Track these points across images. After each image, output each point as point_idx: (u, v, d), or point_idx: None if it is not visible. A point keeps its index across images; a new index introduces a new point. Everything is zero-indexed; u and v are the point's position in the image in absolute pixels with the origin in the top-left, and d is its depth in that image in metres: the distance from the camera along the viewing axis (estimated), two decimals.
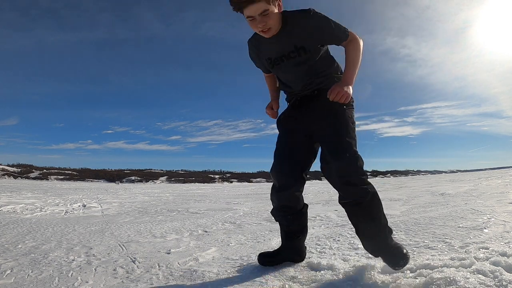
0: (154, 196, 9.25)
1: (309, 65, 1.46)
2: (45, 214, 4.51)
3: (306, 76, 1.49)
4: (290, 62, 1.46)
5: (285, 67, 1.49)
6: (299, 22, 1.37)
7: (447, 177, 18.79)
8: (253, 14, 1.27)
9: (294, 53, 1.43)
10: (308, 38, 1.39)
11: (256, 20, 1.29)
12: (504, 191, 5.41)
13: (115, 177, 67.76)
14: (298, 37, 1.39)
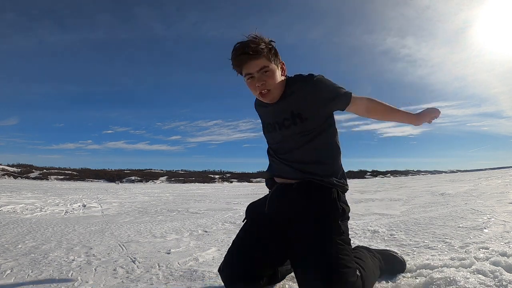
0: (154, 196, 9.25)
1: (304, 139, 1.22)
2: (45, 214, 4.51)
3: (299, 153, 1.24)
4: (283, 131, 1.26)
5: (277, 136, 1.29)
6: (300, 87, 1.22)
7: (447, 177, 18.79)
8: (252, 71, 1.15)
9: (288, 121, 1.23)
10: (307, 105, 1.20)
11: (255, 78, 1.16)
12: (504, 191, 5.41)
13: (115, 177, 67.75)
14: (296, 103, 1.21)
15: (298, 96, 1.22)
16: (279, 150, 1.31)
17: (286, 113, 1.24)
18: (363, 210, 4.15)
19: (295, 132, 1.23)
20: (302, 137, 1.23)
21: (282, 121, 1.25)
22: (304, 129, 1.22)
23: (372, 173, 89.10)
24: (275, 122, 1.29)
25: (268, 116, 1.34)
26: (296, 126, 1.22)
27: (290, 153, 1.27)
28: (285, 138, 1.27)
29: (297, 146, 1.24)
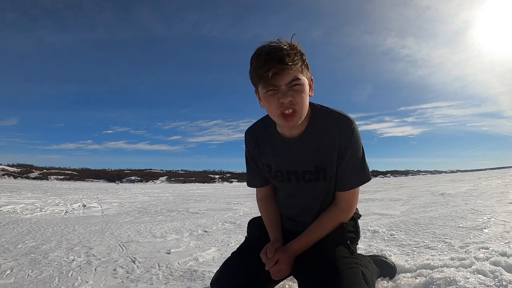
0: (154, 196, 9.25)
1: (322, 198, 1.06)
2: (45, 214, 4.51)
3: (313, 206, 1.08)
4: (300, 184, 1.05)
5: (289, 188, 1.08)
6: (329, 135, 0.98)
7: (447, 177, 18.79)
8: (281, 83, 0.87)
9: (311, 175, 1.02)
10: (332, 161, 1.00)
11: (280, 93, 0.88)
12: (504, 191, 5.41)
13: (115, 177, 67.72)
14: (323, 155, 0.99)
15: (328, 140, 0.98)
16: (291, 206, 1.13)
17: (309, 164, 1.01)
18: (363, 210, 4.15)
19: (315, 189, 1.04)
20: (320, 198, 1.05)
21: (303, 173, 1.03)
22: (326, 187, 1.03)
23: (372, 173, 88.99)
24: (290, 172, 1.04)
25: (278, 159, 1.06)
26: (319, 182, 1.02)
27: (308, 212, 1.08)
28: (303, 195, 1.06)
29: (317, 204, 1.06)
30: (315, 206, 1.07)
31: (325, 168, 1.00)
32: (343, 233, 1.03)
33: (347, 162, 0.99)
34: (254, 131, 1.12)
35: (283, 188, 1.12)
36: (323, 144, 0.99)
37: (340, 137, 0.97)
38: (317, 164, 1.00)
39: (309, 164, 1.01)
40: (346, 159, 0.99)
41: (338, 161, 1.00)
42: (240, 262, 1.10)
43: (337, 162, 1.00)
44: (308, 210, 1.09)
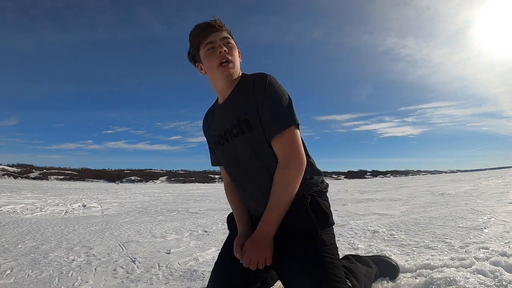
0: (154, 196, 9.25)
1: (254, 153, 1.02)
2: (45, 214, 4.51)
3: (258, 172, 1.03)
4: (232, 142, 1.06)
5: (227, 150, 1.09)
6: (249, 86, 1.04)
7: (447, 177, 18.79)
8: (215, 38, 1.04)
9: (237, 128, 1.03)
10: (250, 107, 1.01)
11: (216, 45, 1.03)
12: (504, 191, 5.41)
13: (115, 177, 67.74)
14: (242, 106, 1.03)
15: (245, 96, 1.03)
16: (236, 175, 1.12)
17: (233, 118, 1.05)
18: (363, 210, 4.15)
19: (244, 143, 1.03)
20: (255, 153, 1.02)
21: (231, 129, 1.06)
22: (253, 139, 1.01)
23: (372, 173, 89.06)
24: (225, 131, 1.08)
25: (217, 124, 1.13)
26: (245, 135, 1.02)
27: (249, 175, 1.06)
28: (237, 153, 1.06)
29: (252, 163, 1.04)
30: (251, 165, 1.04)
31: (247, 119, 1.01)
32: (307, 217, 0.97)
33: (266, 108, 0.99)
34: (206, 113, 1.23)
35: (223, 154, 1.12)
36: (243, 97, 1.04)
37: (255, 86, 1.01)
38: (239, 116, 1.03)
39: (233, 118, 1.05)
40: (265, 106, 0.99)
41: (259, 110, 1.00)
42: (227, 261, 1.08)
43: (258, 112, 1.01)
44: (248, 173, 1.06)
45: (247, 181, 1.08)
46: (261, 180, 1.03)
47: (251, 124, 1.00)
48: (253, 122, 1.00)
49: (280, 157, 0.99)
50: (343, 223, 3.04)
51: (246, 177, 1.08)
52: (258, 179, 1.04)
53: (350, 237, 2.33)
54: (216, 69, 1.04)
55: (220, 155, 1.15)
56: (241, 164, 1.07)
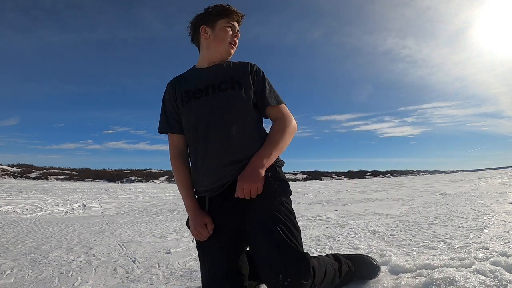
0: (154, 196, 9.25)
1: (238, 108, 1.13)
2: (45, 214, 4.51)
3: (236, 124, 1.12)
4: (217, 95, 1.14)
5: (207, 102, 1.14)
6: (244, 65, 1.22)
7: (447, 177, 18.80)
8: (237, 26, 1.24)
9: (226, 84, 1.15)
10: (246, 76, 1.18)
11: (234, 31, 1.23)
12: (504, 191, 5.41)
13: (115, 177, 67.82)
14: (237, 73, 1.19)
15: (238, 68, 1.21)
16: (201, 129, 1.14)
17: (225, 77, 1.17)
18: (363, 210, 4.15)
19: (231, 98, 1.13)
20: (236, 108, 1.13)
21: (219, 84, 1.15)
22: (239, 98, 1.13)
23: (372, 173, 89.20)
24: (207, 86, 1.16)
25: (198, 81, 1.19)
26: (234, 91, 1.14)
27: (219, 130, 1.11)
28: (217, 106, 1.13)
29: (229, 117, 1.12)
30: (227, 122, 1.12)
31: (240, 81, 1.16)
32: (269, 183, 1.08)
33: (269, 86, 1.20)
34: (174, 78, 1.27)
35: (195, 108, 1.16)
36: (237, 68, 1.21)
37: (252, 67, 1.21)
38: (233, 77, 1.17)
39: (226, 77, 1.18)
40: (267, 85, 1.20)
41: (256, 85, 1.18)
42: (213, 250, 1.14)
43: (253, 85, 1.18)
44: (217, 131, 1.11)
45: (215, 135, 1.12)
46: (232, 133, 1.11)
47: (243, 86, 1.16)
48: (244, 85, 1.16)
49: (281, 116, 1.17)
50: (343, 223, 3.04)
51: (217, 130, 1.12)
52: (230, 132, 1.11)
53: (350, 237, 2.33)
54: (226, 44, 1.20)
55: (187, 111, 1.18)
56: (218, 116, 1.12)
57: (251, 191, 1.04)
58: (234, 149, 1.10)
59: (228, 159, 1.10)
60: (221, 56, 1.22)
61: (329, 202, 5.69)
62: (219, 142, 1.11)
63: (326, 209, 4.42)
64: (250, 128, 1.15)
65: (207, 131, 1.13)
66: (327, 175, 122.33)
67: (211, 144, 1.12)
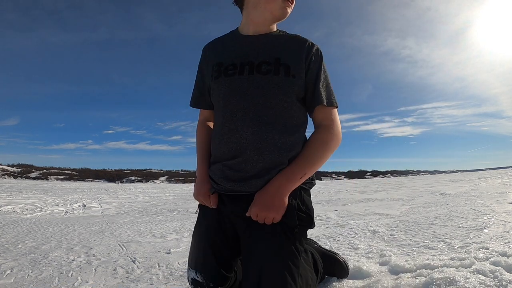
0: (154, 196, 9.25)
1: (282, 100, 0.89)
2: (45, 214, 4.51)
3: (266, 120, 0.88)
4: (254, 77, 0.89)
5: (239, 83, 0.90)
6: (294, 41, 0.95)
7: (447, 177, 18.79)
8: None
9: (269, 66, 0.89)
10: (298, 61, 0.91)
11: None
12: (504, 191, 5.41)
13: (115, 177, 67.77)
14: (286, 53, 0.92)
15: (293, 46, 0.93)
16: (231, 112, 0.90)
17: (269, 56, 0.91)
18: (363, 210, 4.15)
19: (271, 84, 0.88)
20: (276, 98, 0.88)
21: (259, 64, 0.90)
22: (283, 85, 0.88)
23: (372, 173, 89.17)
24: (243, 63, 0.91)
25: (233, 53, 0.95)
26: (278, 77, 0.88)
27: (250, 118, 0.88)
28: (250, 91, 0.88)
29: (265, 106, 0.88)
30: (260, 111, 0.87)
31: (288, 64, 0.89)
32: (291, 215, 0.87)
33: (325, 78, 0.93)
34: (213, 41, 1.05)
35: (225, 86, 0.92)
36: (290, 44, 0.93)
37: (311, 49, 0.93)
38: (279, 58, 0.90)
39: (270, 56, 0.91)
40: (323, 76, 0.93)
41: (308, 72, 0.92)
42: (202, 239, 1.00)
43: (305, 69, 0.91)
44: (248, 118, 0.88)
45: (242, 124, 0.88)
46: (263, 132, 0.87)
47: (291, 72, 0.89)
48: (293, 71, 0.89)
49: (329, 123, 0.91)
50: (343, 223, 3.04)
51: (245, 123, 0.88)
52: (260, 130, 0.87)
53: (350, 237, 2.33)
54: (278, 7, 0.91)
55: (216, 87, 0.94)
56: (246, 105, 0.88)
57: (266, 219, 0.85)
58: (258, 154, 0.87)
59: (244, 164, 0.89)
60: (272, 18, 0.94)
61: (329, 202, 5.69)
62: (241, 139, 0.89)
63: (326, 209, 4.42)
64: (290, 130, 0.90)
65: (230, 121, 0.90)
66: (327, 175, 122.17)
67: (231, 138, 0.90)
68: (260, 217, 0.85)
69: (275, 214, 0.84)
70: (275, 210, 0.84)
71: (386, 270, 1.50)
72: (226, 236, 0.98)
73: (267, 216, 0.84)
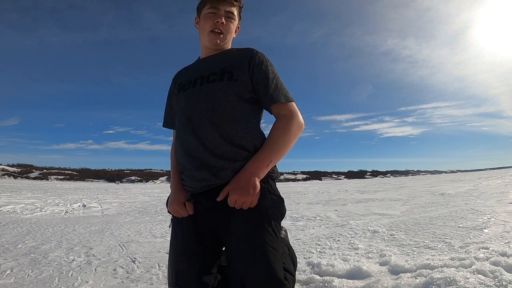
0: (154, 196, 9.25)
1: (227, 101, 1.00)
2: (45, 214, 4.51)
3: (216, 120, 0.99)
4: (203, 87, 1.04)
5: (192, 94, 1.05)
6: (239, 52, 1.11)
7: (447, 177, 18.79)
8: (221, 7, 1.08)
9: (215, 76, 1.04)
10: (241, 67, 1.04)
11: (217, 14, 1.07)
12: (504, 191, 5.41)
13: (115, 177, 67.75)
14: (230, 63, 1.06)
15: (235, 57, 1.09)
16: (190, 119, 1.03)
17: (216, 68, 1.06)
18: (363, 210, 4.15)
19: (217, 89, 1.01)
20: (224, 100, 1.00)
21: (208, 76, 1.05)
22: (229, 89, 1.01)
23: (372, 173, 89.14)
24: (197, 78, 1.07)
25: (190, 74, 1.12)
26: (222, 82, 1.02)
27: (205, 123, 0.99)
28: (201, 98, 1.02)
29: (216, 108, 1.00)
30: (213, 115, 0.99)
31: (231, 71, 1.04)
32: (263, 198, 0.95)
33: (272, 79, 1.04)
34: (178, 71, 1.22)
35: (183, 99, 1.08)
36: (234, 56, 1.09)
37: (253, 55, 1.07)
38: (224, 68, 1.05)
39: (216, 68, 1.07)
40: (270, 77, 1.04)
41: (253, 75, 1.04)
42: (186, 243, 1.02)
43: (249, 72, 1.04)
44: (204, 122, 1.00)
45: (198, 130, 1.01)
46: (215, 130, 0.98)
47: (233, 76, 1.03)
48: (236, 76, 1.03)
49: (286, 113, 1.02)
50: (343, 223, 3.04)
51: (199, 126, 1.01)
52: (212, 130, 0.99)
53: (350, 237, 2.33)
54: (207, 33, 1.10)
55: (177, 102, 1.11)
56: (199, 110, 1.02)
57: (244, 204, 0.92)
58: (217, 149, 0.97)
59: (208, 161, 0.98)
60: (210, 48, 1.12)
61: (329, 202, 5.69)
62: (199, 139, 0.99)
63: (326, 209, 4.42)
64: (241, 125, 1.00)
65: (187, 126, 1.03)
66: (327, 175, 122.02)
67: (191, 140, 1.01)
68: (238, 202, 0.92)
69: (252, 197, 0.92)
70: (251, 193, 0.92)
71: (386, 270, 1.50)
72: (205, 241, 1.02)
73: (246, 200, 0.92)
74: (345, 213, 3.92)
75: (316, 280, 1.44)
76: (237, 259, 0.92)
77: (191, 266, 0.98)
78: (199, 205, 1.02)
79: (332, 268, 1.55)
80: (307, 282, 1.43)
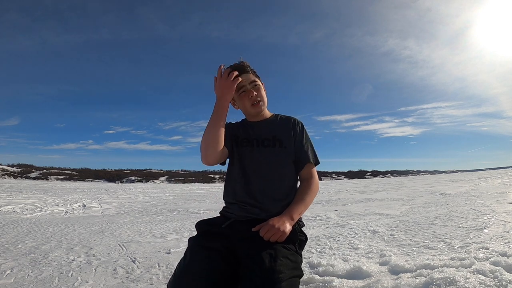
0: (154, 196, 9.25)
1: (278, 163, 1.24)
2: (45, 214, 4.51)
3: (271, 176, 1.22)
4: (260, 149, 1.26)
5: (251, 151, 1.26)
6: (285, 121, 1.33)
7: (447, 177, 18.79)
8: (245, 83, 1.24)
9: (269, 141, 1.28)
10: (288, 136, 1.29)
11: (247, 89, 1.25)
12: (504, 191, 5.41)
13: (115, 177, 67.74)
14: (280, 131, 1.30)
15: (282, 125, 1.31)
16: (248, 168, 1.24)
17: (268, 135, 1.29)
18: (363, 210, 4.15)
19: (272, 154, 1.25)
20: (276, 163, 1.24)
21: (262, 140, 1.28)
22: (280, 154, 1.25)
23: (372, 173, 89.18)
24: (254, 139, 1.29)
25: (247, 132, 1.31)
26: (275, 148, 1.26)
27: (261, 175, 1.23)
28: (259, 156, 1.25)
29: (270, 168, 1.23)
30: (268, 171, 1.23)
31: (281, 139, 1.27)
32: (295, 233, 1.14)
33: (307, 143, 1.30)
34: (232, 122, 1.40)
35: (243, 152, 1.28)
36: (281, 125, 1.32)
37: (295, 124, 1.32)
38: (275, 135, 1.29)
39: (269, 134, 1.29)
40: (306, 142, 1.30)
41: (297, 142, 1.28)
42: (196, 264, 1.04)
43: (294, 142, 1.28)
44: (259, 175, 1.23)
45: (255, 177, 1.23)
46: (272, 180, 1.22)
47: (283, 144, 1.27)
48: (284, 143, 1.27)
49: (309, 176, 1.27)
50: (343, 223, 3.04)
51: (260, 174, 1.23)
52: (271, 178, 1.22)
53: (350, 237, 2.33)
54: (250, 109, 1.28)
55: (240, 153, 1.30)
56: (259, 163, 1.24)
57: (273, 237, 1.05)
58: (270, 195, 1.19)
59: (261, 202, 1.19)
60: (255, 115, 1.31)
61: (329, 202, 5.69)
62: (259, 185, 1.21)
63: (326, 209, 4.42)
64: (288, 181, 1.24)
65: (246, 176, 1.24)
66: (327, 175, 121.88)
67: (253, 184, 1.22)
68: (270, 235, 1.05)
69: (284, 232, 1.07)
70: (284, 229, 1.08)
71: (386, 270, 1.50)
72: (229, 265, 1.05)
73: (278, 235, 1.05)
74: (345, 213, 3.92)
75: (316, 280, 1.44)
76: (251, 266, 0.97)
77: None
78: (231, 230, 1.16)
79: (332, 268, 1.55)
80: (307, 282, 1.43)
